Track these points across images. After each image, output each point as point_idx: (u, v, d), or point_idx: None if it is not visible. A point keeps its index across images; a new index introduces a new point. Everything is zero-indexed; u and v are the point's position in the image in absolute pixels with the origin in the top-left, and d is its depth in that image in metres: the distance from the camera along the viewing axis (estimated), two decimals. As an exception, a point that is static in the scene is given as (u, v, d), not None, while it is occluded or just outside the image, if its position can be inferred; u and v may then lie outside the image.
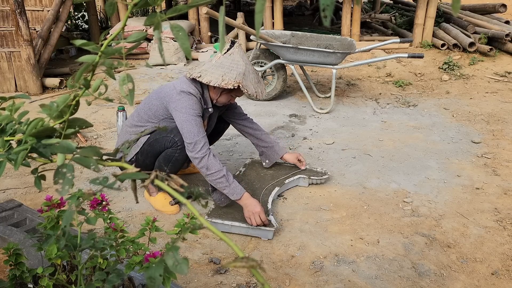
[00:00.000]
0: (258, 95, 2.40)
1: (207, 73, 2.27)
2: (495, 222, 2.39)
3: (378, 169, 3.00)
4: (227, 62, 2.29)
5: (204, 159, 2.20)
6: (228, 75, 2.25)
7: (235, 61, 2.29)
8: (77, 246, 1.09)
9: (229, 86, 2.22)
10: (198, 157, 2.20)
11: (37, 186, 0.75)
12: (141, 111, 2.44)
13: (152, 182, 0.68)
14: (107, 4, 0.66)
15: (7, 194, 2.63)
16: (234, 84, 2.23)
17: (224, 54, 2.32)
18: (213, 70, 2.28)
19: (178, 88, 2.30)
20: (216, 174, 2.20)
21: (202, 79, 2.26)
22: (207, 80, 2.25)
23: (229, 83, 2.23)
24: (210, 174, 2.21)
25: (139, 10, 7.89)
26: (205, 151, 2.21)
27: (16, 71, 4.60)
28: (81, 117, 0.77)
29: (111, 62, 0.69)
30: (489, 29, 5.91)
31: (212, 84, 2.24)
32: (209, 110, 2.41)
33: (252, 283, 1.92)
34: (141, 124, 2.41)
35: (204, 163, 2.20)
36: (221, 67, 2.27)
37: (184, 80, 2.35)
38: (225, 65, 2.28)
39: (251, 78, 2.35)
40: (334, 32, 7.05)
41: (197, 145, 2.20)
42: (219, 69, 2.27)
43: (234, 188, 2.22)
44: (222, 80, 2.23)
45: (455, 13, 0.54)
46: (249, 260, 0.58)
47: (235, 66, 2.28)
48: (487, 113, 4.08)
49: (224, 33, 0.66)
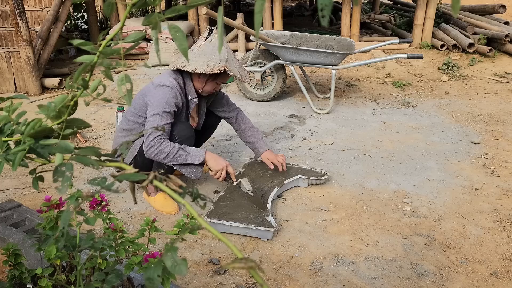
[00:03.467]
0: (243, 78, 2.45)
1: (192, 62, 2.31)
2: (494, 223, 2.38)
3: (377, 169, 3.00)
4: (209, 49, 2.33)
5: (155, 146, 2.21)
6: (212, 60, 2.29)
7: (216, 47, 2.32)
8: (76, 247, 1.09)
9: (215, 70, 2.26)
10: (149, 144, 2.21)
11: (35, 187, 0.75)
12: (127, 114, 2.49)
13: (151, 183, 0.68)
14: (105, 5, 0.66)
15: (7, 195, 2.63)
16: (220, 68, 2.27)
17: (204, 42, 2.37)
18: (196, 58, 2.32)
19: (156, 82, 2.36)
20: (172, 152, 2.22)
21: (187, 68, 2.30)
22: (192, 68, 2.29)
23: (215, 68, 2.26)
24: (167, 155, 2.21)
25: (138, 11, 7.89)
26: (157, 140, 2.21)
27: (15, 71, 4.60)
28: (80, 118, 0.77)
29: (109, 63, 0.69)
30: (488, 29, 5.91)
31: (198, 71, 2.28)
32: (194, 100, 2.44)
33: (252, 283, 1.91)
34: (129, 127, 2.45)
35: (156, 148, 2.21)
36: (204, 54, 2.32)
37: (165, 74, 2.41)
38: (207, 52, 2.33)
39: (234, 62, 2.41)
40: (334, 32, 7.05)
41: (151, 135, 2.22)
42: (202, 56, 2.31)
43: (194, 153, 2.26)
44: (208, 66, 2.27)
45: (455, 13, 0.54)
46: (248, 261, 0.58)
47: (217, 52, 2.32)
48: (487, 114, 4.09)
49: (223, 34, 0.66)
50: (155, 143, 2.20)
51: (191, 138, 2.40)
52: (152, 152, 2.21)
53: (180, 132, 2.33)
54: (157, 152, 2.21)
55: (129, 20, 6.14)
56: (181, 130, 2.34)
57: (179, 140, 2.32)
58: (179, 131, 2.33)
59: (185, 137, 2.34)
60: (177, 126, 2.34)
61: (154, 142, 2.20)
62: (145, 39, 6.02)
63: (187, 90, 2.41)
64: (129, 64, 5.81)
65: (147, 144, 2.22)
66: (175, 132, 2.33)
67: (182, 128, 2.35)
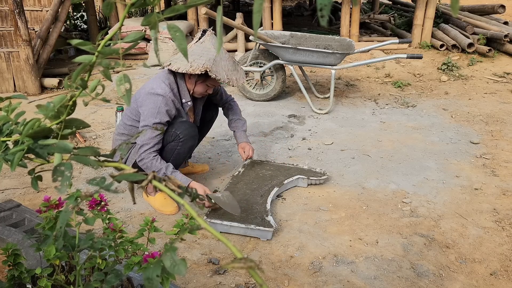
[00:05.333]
0: (232, 82, 2.40)
1: (177, 61, 2.31)
2: (493, 223, 2.39)
3: (377, 169, 3.00)
4: (198, 49, 2.33)
5: (145, 159, 2.28)
6: (197, 61, 2.27)
7: (206, 48, 2.33)
8: (76, 247, 1.09)
9: (196, 71, 2.24)
10: (140, 156, 2.29)
11: (34, 187, 0.75)
12: (124, 118, 2.50)
13: (150, 183, 0.68)
14: (104, 4, 0.66)
15: (6, 195, 2.63)
16: (201, 69, 2.24)
17: (196, 43, 2.36)
18: (183, 58, 2.31)
19: (147, 88, 2.34)
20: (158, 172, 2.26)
21: (172, 66, 2.30)
22: (175, 67, 2.29)
23: (196, 69, 2.25)
24: None
25: (137, 10, 7.88)
26: (148, 153, 2.28)
27: (14, 71, 4.59)
28: (79, 118, 0.77)
29: (108, 63, 0.69)
30: (488, 30, 5.92)
31: (180, 70, 2.28)
32: (188, 103, 2.44)
33: (251, 283, 1.91)
34: (127, 131, 2.48)
35: (144, 162, 2.29)
36: (191, 54, 2.31)
37: (158, 77, 2.40)
38: (195, 52, 2.32)
39: (224, 65, 2.37)
40: (333, 32, 7.05)
41: (142, 147, 2.29)
42: (189, 57, 2.31)
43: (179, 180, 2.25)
44: (190, 66, 2.26)
45: (454, 13, 0.54)
46: (248, 261, 0.58)
47: (205, 53, 2.31)
48: (486, 114, 4.09)
49: (222, 33, 0.66)
50: (146, 157, 2.29)
51: (194, 137, 2.44)
52: (141, 164, 2.30)
53: (184, 131, 2.36)
54: (145, 168, 2.30)
55: (128, 20, 6.14)
56: (185, 129, 2.37)
57: (184, 139, 2.36)
58: (183, 130, 2.36)
59: (189, 135, 2.38)
60: (181, 125, 2.37)
61: (145, 155, 2.29)
62: (144, 39, 6.01)
63: (181, 93, 2.41)
64: (128, 64, 5.81)
65: (138, 155, 2.30)
66: (180, 131, 2.35)
67: (186, 127, 2.38)
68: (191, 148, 2.48)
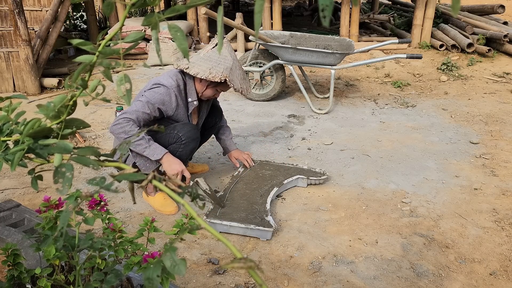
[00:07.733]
0: (243, 91, 2.45)
1: (195, 66, 2.32)
2: (493, 223, 2.39)
3: (376, 169, 3.00)
4: (215, 56, 2.34)
5: (122, 124, 2.17)
6: (216, 68, 2.30)
7: (223, 55, 2.35)
8: (75, 247, 1.08)
9: (216, 79, 2.27)
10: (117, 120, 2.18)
11: (34, 187, 0.75)
12: None
13: (150, 183, 0.68)
14: (105, 4, 0.66)
15: (5, 194, 2.63)
16: (221, 77, 2.27)
17: (212, 48, 2.37)
18: (201, 63, 2.33)
19: (155, 79, 2.37)
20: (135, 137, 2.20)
21: (190, 70, 2.31)
22: (194, 72, 2.30)
23: (216, 76, 2.27)
24: (129, 138, 2.17)
25: (137, 10, 7.88)
26: (126, 120, 2.18)
27: (14, 71, 4.59)
28: (79, 118, 0.77)
29: (108, 63, 0.69)
30: (487, 30, 5.92)
31: (199, 76, 2.29)
32: (194, 103, 2.44)
33: (251, 283, 1.91)
34: None
35: (122, 126, 2.17)
36: (209, 60, 2.33)
37: (167, 73, 2.42)
38: (213, 58, 2.33)
39: (238, 74, 2.41)
40: (333, 32, 7.06)
41: (123, 114, 2.20)
42: (207, 62, 2.32)
43: (154, 149, 2.22)
44: (210, 73, 2.28)
45: (455, 13, 0.54)
46: (247, 261, 0.58)
47: (222, 61, 2.33)
48: (486, 114, 4.09)
49: (223, 33, 0.66)
50: (124, 122, 2.18)
51: (196, 140, 2.44)
52: (116, 128, 2.18)
53: (186, 133, 2.36)
54: (122, 131, 2.17)
55: (128, 20, 6.14)
56: (187, 132, 2.36)
57: (186, 141, 2.36)
58: (186, 132, 2.36)
59: (191, 138, 2.38)
60: (183, 128, 2.37)
61: (123, 120, 2.19)
62: (144, 39, 6.01)
63: (188, 91, 2.42)
64: (128, 64, 5.80)
65: (115, 119, 2.21)
66: (182, 134, 2.35)
67: (188, 130, 2.38)
68: (193, 150, 2.48)
